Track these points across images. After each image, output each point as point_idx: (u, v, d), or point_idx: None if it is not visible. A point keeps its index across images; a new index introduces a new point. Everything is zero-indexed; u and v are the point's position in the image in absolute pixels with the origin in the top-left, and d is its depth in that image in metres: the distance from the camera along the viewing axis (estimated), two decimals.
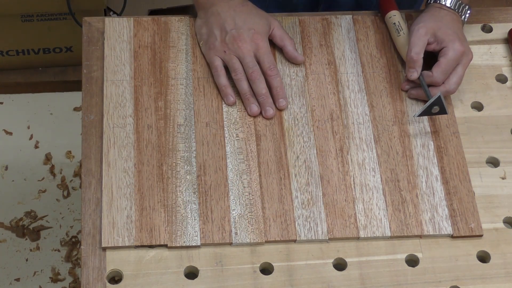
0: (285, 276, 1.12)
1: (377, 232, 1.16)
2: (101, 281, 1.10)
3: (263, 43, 1.26)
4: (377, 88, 1.29)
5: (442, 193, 1.20)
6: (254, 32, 1.26)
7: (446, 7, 1.29)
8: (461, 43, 1.25)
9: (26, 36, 2.28)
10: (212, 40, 1.27)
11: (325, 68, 1.30)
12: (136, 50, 1.29)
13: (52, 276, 2.09)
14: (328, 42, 1.33)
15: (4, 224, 2.16)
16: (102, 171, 1.18)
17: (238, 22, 1.26)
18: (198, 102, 1.25)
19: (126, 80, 1.26)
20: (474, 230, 1.17)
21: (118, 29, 1.30)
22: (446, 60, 1.24)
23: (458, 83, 1.26)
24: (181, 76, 1.27)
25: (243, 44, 1.25)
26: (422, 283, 1.13)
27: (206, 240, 1.13)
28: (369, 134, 1.24)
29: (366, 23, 1.36)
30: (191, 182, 1.18)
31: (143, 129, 1.22)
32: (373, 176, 1.21)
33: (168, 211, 1.15)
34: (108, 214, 1.14)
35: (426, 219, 1.18)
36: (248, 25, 1.26)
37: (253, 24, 1.27)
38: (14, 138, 2.32)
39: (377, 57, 1.32)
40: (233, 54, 1.25)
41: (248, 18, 1.27)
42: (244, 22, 1.26)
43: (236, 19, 1.26)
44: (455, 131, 1.26)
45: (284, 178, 1.19)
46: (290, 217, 1.16)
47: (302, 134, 1.24)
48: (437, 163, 1.22)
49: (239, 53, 1.25)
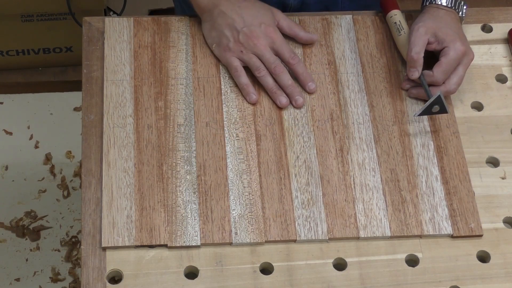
0: (285, 276, 1.12)
1: (377, 232, 1.16)
2: (101, 281, 1.10)
3: (277, 35, 1.27)
4: (377, 88, 1.29)
5: (442, 193, 1.20)
6: (265, 26, 1.26)
7: (443, 6, 1.29)
8: (462, 43, 1.25)
9: (26, 36, 2.28)
10: (225, 42, 1.26)
11: (325, 68, 1.30)
12: (136, 50, 1.29)
13: (52, 276, 2.09)
14: (328, 42, 1.33)
15: (4, 224, 2.16)
16: (102, 171, 1.18)
17: (246, 19, 1.26)
18: (198, 102, 1.25)
19: (126, 80, 1.26)
20: (474, 230, 1.17)
21: (118, 29, 1.30)
22: (447, 60, 1.24)
23: (459, 83, 1.26)
24: (181, 76, 1.27)
25: (258, 41, 1.25)
26: (422, 283, 1.13)
27: (206, 240, 1.13)
28: (369, 134, 1.24)
29: (366, 23, 1.36)
30: (191, 182, 1.18)
31: (143, 129, 1.22)
32: (373, 176, 1.21)
33: (168, 211, 1.15)
34: (108, 214, 1.14)
35: (426, 219, 1.17)
36: (257, 20, 1.26)
37: (261, 18, 1.27)
38: (14, 138, 2.32)
39: (377, 57, 1.32)
40: (251, 53, 1.25)
41: (254, 12, 1.27)
42: (253, 18, 1.26)
43: (243, 16, 1.26)
44: (455, 131, 1.26)
45: (284, 178, 1.19)
46: (290, 217, 1.16)
47: (302, 134, 1.24)
48: (437, 163, 1.22)
49: (257, 51, 1.25)
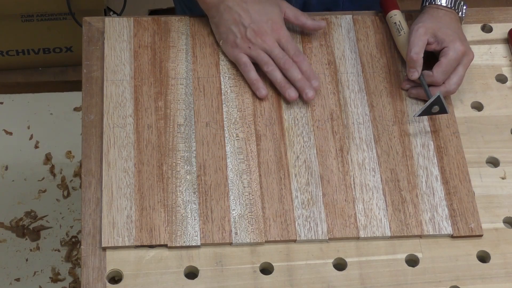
0: (285, 276, 1.12)
1: (377, 232, 1.16)
2: (101, 281, 1.10)
3: (283, 32, 1.27)
4: (377, 88, 1.29)
5: (442, 193, 1.20)
6: (272, 22, 1.27)
7: (443, 7, 1.30)
8: (462, 43, 1.25)
9: (26, 36, 2.28)
10: (232, 38, 1.27)
11: (325, 68, 1.30)
12: (136, 50, 1.29)
13: (52, 276, 2.09)
14: (328, 42, 1.33)
15: (4, 224, 2.16)
16: (102, 171, 1.18)
17: (253, 15, 1.26)
18: (198, 102, 1.25)
19: (126, 80, 1.26)
20: (474, 230, 1.17)
21: (118, 29, 1.30)
22: (447, 60, 1.24)
23: (459, 83, 1.26)
24: (181, 76, 1.27)
25: (266, 37, 1.26)
26: (422, 283, 1.13)
27: (206, 240, 1.13)
28: (369, 134, 1.24)
29: (366, 23, 1.36)
30: (191, 182, 1.18)
31: (143, 129, 1.22)
32: (373, 176, 1.21)
33: (168, 211, 1.15)
34: (108, 214, 1.14)
35: (426, 219, 1.17)
36: (264, 16, 1.27)
37: (268, 14, 1.27)
38: (14, 138, 2.32)
39: (377, 57, 1.32)
40: (259, 49, 1.26)
41: (261, 8, 1.27)
42: (260, 14, 1.27)
43: (250, 11, 1.27)
44: (455, 131, 1.26)
45: (284, 178, 1.19)
46: (290, 217, 1.16)
47: (302, 134, 1.24)
48: (437, 163, 1.22)
49: (265, 47, 1.26)
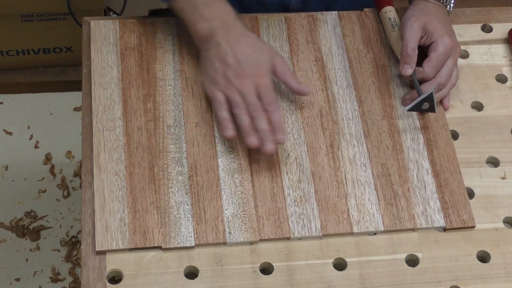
0: (285, 276, 1.12)
1: (370, 227, 1.16)
2: (101, 281, 1.10)
3: (265, 80, 1.21)
4: (365, 83, 1.29)
5: (434, 186, 1.20)
6: (257, 67, 1.21)
7: (432, 0, 1.30)
8: (450, 37, 1.26)
9: (26, 36, 2.28)
10: (212, 73, 1.22)
11: (313, 65, 1.31)
12: (123, 52, 1.28)
13: (52, 276, 2.09)
14: (315, 39, 1.33)
15: (4, 224, 2.16)
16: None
17: (240, 56, 1.21)
18: (187, 103, 1.25)
19: (114, 83, 1.25)
20: (466, 222, 1.18)
21: (104, 31, 1.30)
22: (436, 55, 1.25)
23: (449, 74, 1.26)
24: (169, 77, 1.27)
25: (245, 80, 1.20)
26: (422, 283, 1.13)
27: (200, 240, 1.13)
28: (359, 130, 1.25)
29: (351, 18, 1.36)
30: (183, 183, 1.18)
31: (132, 131, 1.21)
32: (364, 171, 1.21)
33: (161, 213, 1.15)
34: (101, 218, 1.13)
35: (419, 212, 1.18)
36: (250, 60, 1.21)
37: (255, 60, 1.21)
38: (14, 138, 2.32)
39: (363, 52, 1.32)
40: (235, 90, 1.20)
41: (251, 52, 1.22)
42: (246, 57, 1.21)
43: (238, 52, 1.21)
44: (444, 123, 1.26)
45: (275, 176, 1.19)
46: (283, 215, 1.16)
47: (292, 131, 1.24)
48: (427, 156, 1.23)
49: (241, 90, 1.19)
